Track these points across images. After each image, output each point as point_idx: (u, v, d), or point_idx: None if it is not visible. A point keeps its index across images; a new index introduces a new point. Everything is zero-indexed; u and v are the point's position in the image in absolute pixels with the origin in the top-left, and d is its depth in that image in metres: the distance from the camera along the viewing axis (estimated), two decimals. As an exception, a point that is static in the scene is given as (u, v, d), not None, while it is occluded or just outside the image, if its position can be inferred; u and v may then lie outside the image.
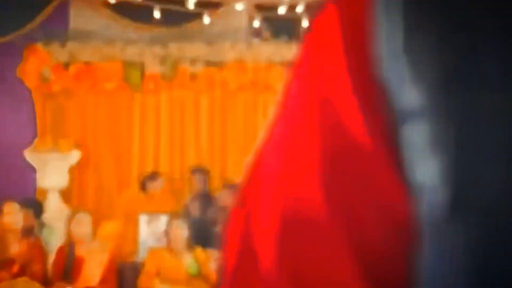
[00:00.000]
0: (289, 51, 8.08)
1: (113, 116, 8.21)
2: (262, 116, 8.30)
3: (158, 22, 8.09)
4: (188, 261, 6.40)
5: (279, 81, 8.12)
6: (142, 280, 6.31)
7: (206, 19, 7.83)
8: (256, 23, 8.06)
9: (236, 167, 8.28)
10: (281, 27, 8.09)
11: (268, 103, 8.30)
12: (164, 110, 8.23)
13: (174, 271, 6.35)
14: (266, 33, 8.24)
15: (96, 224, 6.64)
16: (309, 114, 0.56)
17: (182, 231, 6.43)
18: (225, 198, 7.45)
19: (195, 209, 7.49)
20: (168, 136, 8.24)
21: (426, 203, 0.52)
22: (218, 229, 7.25)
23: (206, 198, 7.60)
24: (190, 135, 8.26)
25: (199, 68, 8.02)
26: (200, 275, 6.39)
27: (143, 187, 7.61)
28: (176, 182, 8.00)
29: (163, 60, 8.01)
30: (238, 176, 8.21)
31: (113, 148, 8.21)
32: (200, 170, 7.94)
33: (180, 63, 8.01)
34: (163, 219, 6.84)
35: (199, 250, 6.49)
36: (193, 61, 8.01)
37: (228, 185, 7.78)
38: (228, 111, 8.24)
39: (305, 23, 7.99)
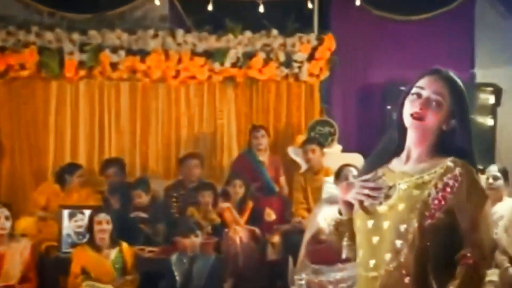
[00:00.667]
0: (212, 41, 7.98)
1: (29, 105, 7.82)
2: (185, 106, 8.14)
3: (78, 8, 7.80)
4: (113, 256, 6.19)
5: (202, 71, 7.99)
6: (70, 281, 6.07)
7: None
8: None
9: (158, 158, 8.10)
10: (205, 18, 7.95)
11: (190, 94, 8.16)
12: (83, 99, 7.91)
13: (99, 268, 6.14)
14: (189, 23, 8.09)
15: (11, 218, 6.30)
16: None
17: (105, 226, 6.21)
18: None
19: (115, 202, 7.26)
20: (87, 126, 7.93)
21: None
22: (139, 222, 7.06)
23: (126, 190, 7.36)
24: (111, 125, 7.99)
25: (120, 57, 7.76)
26: (125, 270, 6.20)
27: (61, 179, 7.31)
28: (95, 175, 7.72)
29: (82, 47, 7.70)
30: (159, 167, 8.06)
31: (28, 138, 7.83)
32: (114, 161, 7.69)
33: (101, 51, 7.72)
34: (85, 213, 6.60)
35: (125, 245, 6.29)
36: (114, 49, 7.75)
37: (149, 176, 7.61)
38: (150, 101, 8.03)
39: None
